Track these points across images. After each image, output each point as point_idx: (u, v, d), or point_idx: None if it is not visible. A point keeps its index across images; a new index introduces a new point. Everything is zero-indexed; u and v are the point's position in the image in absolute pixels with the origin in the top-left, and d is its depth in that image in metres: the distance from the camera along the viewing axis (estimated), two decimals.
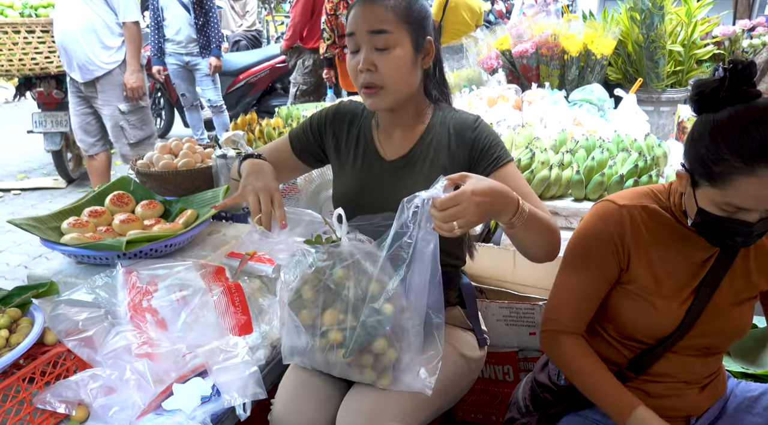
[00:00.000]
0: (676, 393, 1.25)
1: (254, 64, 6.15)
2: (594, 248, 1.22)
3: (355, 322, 1.13)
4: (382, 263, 1.14)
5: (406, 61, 1.26)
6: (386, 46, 1.24)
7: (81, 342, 1.28)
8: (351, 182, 1.43)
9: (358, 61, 1.27)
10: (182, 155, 2.00)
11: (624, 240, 1.20)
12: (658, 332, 1.22)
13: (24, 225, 1.57)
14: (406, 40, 1.26)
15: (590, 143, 2.19)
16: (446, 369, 1.27)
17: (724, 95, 1.05)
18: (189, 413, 1.17)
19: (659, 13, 3.19)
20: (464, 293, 1.49)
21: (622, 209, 1.20)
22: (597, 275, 1.22)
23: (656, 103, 3.42)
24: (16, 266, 3.44)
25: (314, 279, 1.17)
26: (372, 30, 1.24)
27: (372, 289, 1.13)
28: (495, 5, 11.26)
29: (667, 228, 1.20)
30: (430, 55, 1.32)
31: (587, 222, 1.25)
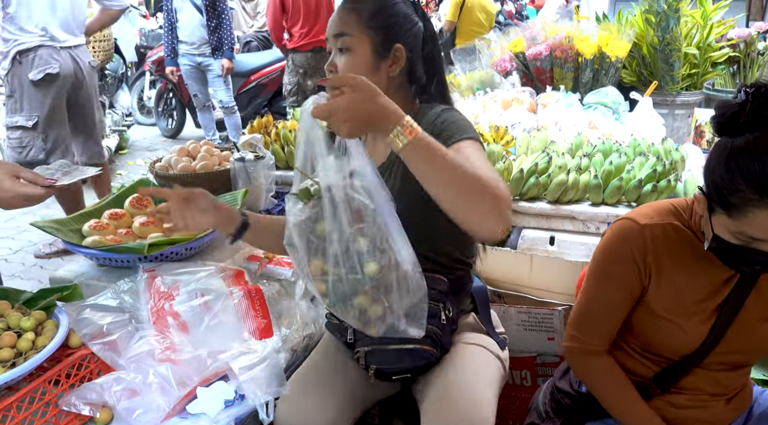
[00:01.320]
0: (701, 404, 1.24)
1: (265, 65, 6.16)
2: (616, 268, 1.21)
3: (336, 275, 1.08)
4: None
5: (362, 64, 1.29)
6: (344, 47, 1.30)
7: (105, 346, 1.29)
8: None
9: (327, 66, 1.34)
10: (200, 157, 2.01)
11: (646, 260, 1.18)
12: (683, 349, 1.21)
13: (47, 228, 1.59)
14: (366, 44, 1.29)
15: (607, 146, 2.18)
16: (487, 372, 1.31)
17: (744, 120, 1.02)
18: (213, 416, 1.18)
19: (675, 16, 3.18)
20: (476, 298, 1.48)
21: (644, 228, 1.18)
22: (620, 293, 1.21)
23: (671, 106, 3.40)
24: (32, 265, 3.47)
25: (301, 228, 1.12)
26: (335, 33, 1.31)
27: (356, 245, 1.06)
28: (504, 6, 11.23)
29: (689, 247, 1.18)
30: (398, 63, 1.32)
31: (608, 241, 1.23)
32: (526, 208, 2.00)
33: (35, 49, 3.04)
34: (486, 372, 1.33)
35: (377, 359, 1.30)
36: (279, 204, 2.10)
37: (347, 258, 1.07)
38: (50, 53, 3.09)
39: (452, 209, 1.02)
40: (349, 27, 1.29)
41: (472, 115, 2.83)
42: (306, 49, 4.75)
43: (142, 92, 6.80)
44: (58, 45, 3.12)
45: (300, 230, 1.12)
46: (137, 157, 5.83)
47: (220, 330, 1.36)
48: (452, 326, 1.34)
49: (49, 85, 3.10)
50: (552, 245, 1.95)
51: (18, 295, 1.38)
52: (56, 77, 3.11)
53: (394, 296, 1.08)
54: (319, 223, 1.10)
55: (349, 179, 1.06)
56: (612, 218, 1.92)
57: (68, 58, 3.18)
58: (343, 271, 1.07)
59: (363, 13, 1.29)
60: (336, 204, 1.05)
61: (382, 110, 1.00)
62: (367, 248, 1.06)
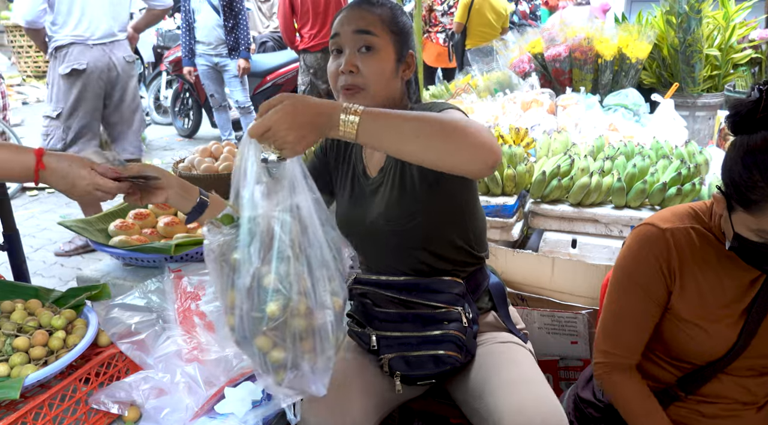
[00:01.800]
0: (732, 414, 1.23)
1: (281, 65, 6.20)
2: (640, 275, 1.20)
3: (240, 310, 1.01)
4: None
5: (388, 66, 1.28)
6: (370, 46, 1.25)
7: (133, 345, 1.30)
8: (345, 206, 1.43)
9: (339, 64, 1.27)
10: (223, 158, 2.03)
11: (670, 264, 1.17)
12: (709, 355, 1.20)
13: (74, 227, 1.61)
14: (390, 47, 1.28)
15: (629, 149, 2.17)
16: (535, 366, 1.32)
17: (760, 117, 1.02)
18: (241, 417, 1.19)
19: (696, 17, 3.15)
20: (494, 295, 1.47)
21: (665, 232, 1.17)
22: (647, 301, 1.20)
23: (692, 108, 3.37)
24: (52, 264, 3.51)
25: (215, 254, 1.05)
26: (358, 30, 1.25)
27: (264, 281, 0.99)
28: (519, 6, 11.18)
29: (712, 249, 1.17)
30: (411, 69, 1.33)
31: (630, 248, 1.22)
32: (548, 210, 1.99)
33: (68, 46, 3.25)
34: (535, 367, 1.33)
35: (401, 366, 1.30)
36: None
37: (252, 294, 0.99)
38: (81, 50, 3.27)
39: (436, 158, 1.01)
40: (375, 27, 1.26)
41: (492, 116, 2.82)
42: (316, 49, 4.78)
43: (158, 92, 6.86)
44: (90, 42, 3.29)
45: (213, 256, 1.03)
46: (154, 156, 5.88)
47: None
48: (474, 327, 1.34)
49: (75, 79, 3.28)
50: (574, 248, 1.94)
51: (48, 294, 1.39)
52: (83, 73, 3.28)
53: (299, 345, 1.00)
54: (234, 252, 1.01)
55: (280, 213, 0.99)
56: (635, 221, 1.91)
57: (100, 54, 3.33)
58: (245, 307, 0.99)
59: (384, 15, 1.28)
60: (254, 234, 0.98)
61: (318, 108, 0.97)
62: (274, 286, 0.98)
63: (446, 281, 1.33)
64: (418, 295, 1.32)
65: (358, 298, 1.40)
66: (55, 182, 1.19)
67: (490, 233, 2.02)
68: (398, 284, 1.35)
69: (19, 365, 1.16)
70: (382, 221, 1.33)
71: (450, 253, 1.36)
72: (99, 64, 3.32)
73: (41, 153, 1.17)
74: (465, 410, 1.33)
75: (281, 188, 1.00)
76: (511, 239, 2.03)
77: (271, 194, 1.00)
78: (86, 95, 3.33)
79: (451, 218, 1.33)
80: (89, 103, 3.36)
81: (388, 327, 1.33)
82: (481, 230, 1.42)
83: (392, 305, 1.35)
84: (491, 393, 1.23)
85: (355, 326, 1.42)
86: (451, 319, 1.30)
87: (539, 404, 1.18)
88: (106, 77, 3.38)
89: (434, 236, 1.33)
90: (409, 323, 1.32)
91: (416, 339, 1.30)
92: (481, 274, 1.45)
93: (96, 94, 3.37)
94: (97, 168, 1.21)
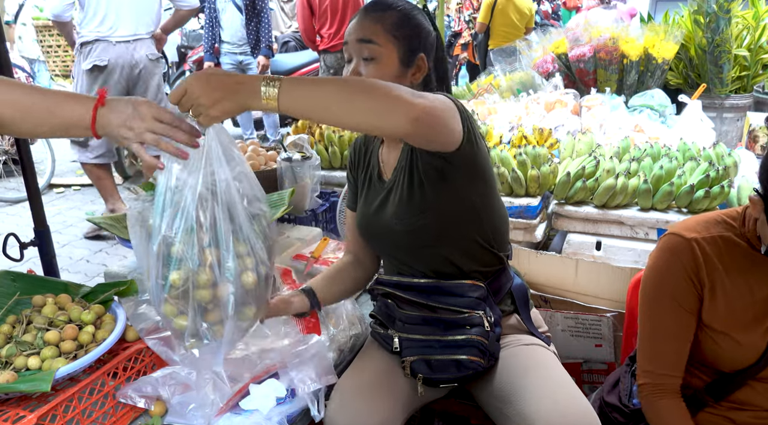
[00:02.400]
0: (764, 422, 1.20)
1: (303, 65, 6.23)
2: (670, 286, 1.17)
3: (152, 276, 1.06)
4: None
5: (389, 73, 1.27)
6: (371, 56, 1.26)
7: (160, 341, 1.32)
8: (362, 209, 1.45)
9: (347, 72, 1.30)
10: (247, 157, 2.04)
11: (699, 275, 1.15)
12: (739, 363, 1.17)
13: (102, 224, 1.64)
14: (393, 54, 1.27)
15: (655, 150, 2.14)
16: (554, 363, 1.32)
17: None
18: (266, 413, 1.20)
19: (725, 17, 3.10)
20: (516, 298, 1.46)
21: (692, 242, 1.15)
22: (681, 312, 1.17)
23: (719, 110, 3.32)
24: (78, 260, 3.57)
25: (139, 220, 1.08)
26: (360, 39, 1.27)
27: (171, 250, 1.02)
28: (541, 5, 11.10)
29: (742, 257, 1.15)
30: (421, 71, 1.32)
31: (657, 260, 1.20)
32: (572, 212, 1.98)
33: (93, 43, 3.39)
34: (561, 370, 1.33)
35: (423, 368, 1.30)
36: (324, 204, 2.12)
37: (160, 261, 1.02)
38: (104, 47, 3.39)
39: (360, 119, 1.04)
40: (377, 35, 1.27)
41: (515, 116, 2.80)
42: (336, 49, 4.79)
43: None
44: (113, 40, 3.40)
45: (133, 220, 1.07)
46: None
47: (270, 328, 1.37)
48: (496, 330, 1.33)
49: (97, 75, 3.42)
50: (598, 250, 1.92)
51: (77, 289, 1.42)
52: (104, 69, 3.41)
53: (201, 316, 1.05)
54: (150, 218, 1.04)
55: (194, 184, 1.00)
56: (662, 224, 1.89)
57: (123, 51, 3.44)
58: (153, 273, 1.03)
59: (387, 21, 1.28)
60: (166, 203, 1.00)
61: (236, 77, 1.00)
62: (178, 255, 1.00)
63: (467, 285, 1.33)
64: (438, 299, 1.32)
65: (381, 299, 1.41)
66: (113, 119, 1.05)
67: (513, 234, 2.01)
68: (419, 286, 1.35)
69: (50, 358, 1.19)
70: (394, 220, 1.34)
71: (467, 250, 1.35)
72: (120, 61, 3.42)
73: (103, 93, 1.08)
74: (491, 413, 1.33)
75: (197, 159, 1.01)
76: (535, 240, 2.02)
77: (188, 164, 1.01)
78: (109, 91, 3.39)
79: (463, 215, 1.32)
80: None
81: (411, 329, 1.33)
82: (501, 227, 1.41)
83: (414, 307, 1.35)
84: (522, 398, 1.23)
85: (378, 327, 1.42)
86: (473, 324, 1.29)
87: (573, 408, 1.17)
88: (128, 74, 3.48)
89: (446, 234, 1.32)
90: (431, 326, 1.32)
91: (438, 342, 1.30)
92: (505, 276, 1.44)
93: (117, 91, 3.45)
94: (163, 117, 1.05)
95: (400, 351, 1.34)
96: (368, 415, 1.24)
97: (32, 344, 1.21)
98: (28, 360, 1.18)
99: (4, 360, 1.20)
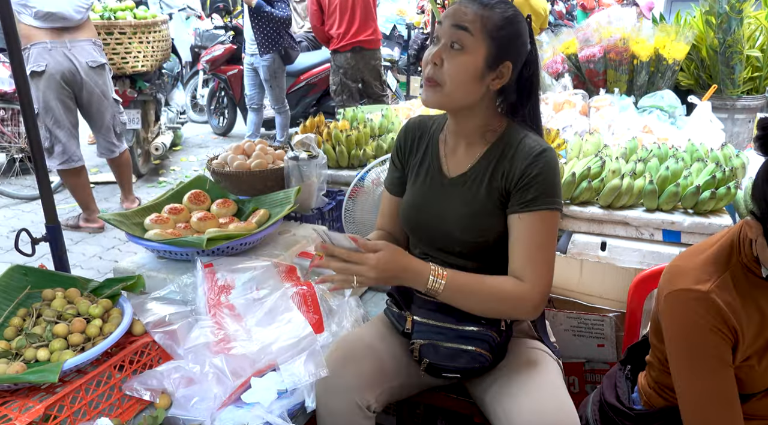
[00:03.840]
0: None
1: (315, 65, 6.25)
2: (709, 345, 1.10)
3: None
4: None
5: (472, 69, 1.25)
6: (461, 44, 1.24)
7: (166, 335, 1.35)
8: (413, 197, 1.44)
9: (431, 52, 1.27)
10: (255, 156, 2.07)
11: (729, 324, 1.09)
12: (755, 388, 1.16)
13: (112, 220, 1.67)
14: (481, 50, 1.24)
15: (663, 151, 2.13)
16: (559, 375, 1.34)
17: None
18: (267, 406, 1.22)
19: (737, 17, 3.07)
20: None
21: (710, 295, 1.10)
22: (725, 369, 1.11)
23: (730, 111, 3.29)
24: (91, 256, 3.63)
25: None
26: (455, 24, 1.25)
27: None
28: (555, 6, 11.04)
29: (749, 287, 1.11)
30: (502, 79, 1.29)
31: (683, 322, 1.13)
32: (578, 212, 1.98)
33: (29, 48, 3.38)
34: (558, 376, 1.34)
35: (431, 354, 1.31)
36: (330, 203, 2.14)
37: None
38: (39, 52, 3.39)
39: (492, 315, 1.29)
40: (474, 25, 1.24)
41: None
42: (345, 49, 4.81)
43: (195, 91, 7.00)
44: (49, 45, 3.40)
45: None
46: (190, 154, 6.01)
47: (274, 323, 1.40)
48: (510, 332, 1.35)
49: (38, 80, 3.42)
50: (603, 250, 1.92)
51: (86, 283, 1.45)
52: (42, 74, 3.40)
53: None
54: None
55: None
56: (667, 225, 1.88)
57: (61, 57, 3.44)
58: None
59: (491, 19, 1.25)
60: None
61: (406, 268, 1.21)
62: None
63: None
64: None
65: None
66: None
67: None
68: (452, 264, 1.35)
69: (58, 350, 1.22)
70: (457, 229, 1.34)
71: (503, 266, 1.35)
72: (59, 67, 3.42)
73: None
74: (483, 408, 1.34)
75: None
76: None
77: None
78: (51, 96, 3.45)
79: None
80: (58, 105, 3.49)
81: (426, 313, 1.35)
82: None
83: None
84: (510, 395, 1.25)
85: (393, 306, 1.44)
86: (490, 321, 1.31)
87: (555, 415, 1.18)
88: (67, 80, 3.48)
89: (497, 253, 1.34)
90: (446, 314, 1.32)
91: (451, 331, 1.31)
92: None
93: (62, 96, 3.49)
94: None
95: (411, 333, 1.35)
96: (358, 376, 1.28)
97: (41, 336, 1.25)
98: (37, 352, 1.22)
99: (14, 351, 1.24)
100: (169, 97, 6.14)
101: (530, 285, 1.24)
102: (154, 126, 5.28)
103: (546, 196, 1.26)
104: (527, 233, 1.26)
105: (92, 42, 3.61)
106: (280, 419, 1.18)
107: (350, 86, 4.95)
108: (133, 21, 4.30)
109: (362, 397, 1.27)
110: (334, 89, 5.01)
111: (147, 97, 4.89)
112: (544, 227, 1.27)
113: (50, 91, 3.46)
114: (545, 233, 1.27)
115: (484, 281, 1.26)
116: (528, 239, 1.26)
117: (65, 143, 3.57)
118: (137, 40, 4.35)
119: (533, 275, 1.25)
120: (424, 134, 1.47)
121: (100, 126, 3.78)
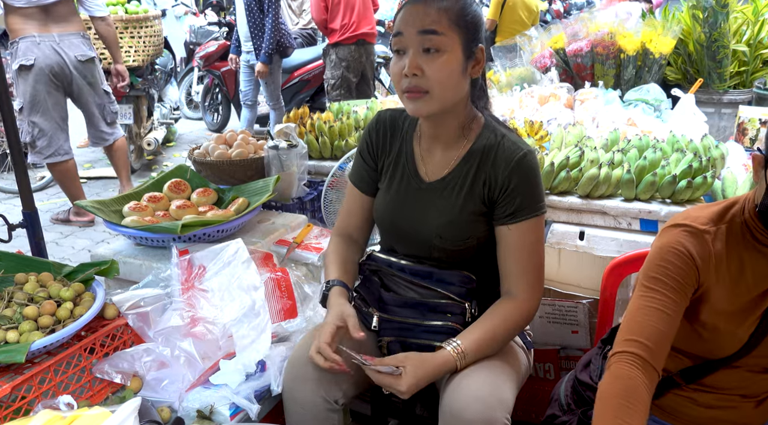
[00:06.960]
0: (729, 405, 1.20)
1: (309, 61, 6.25)
2: (676, 271, 1.11)
3: None
4: None
5: (455, 66, 1.20)
6: (436, 48, 1.17)
7: (138, 317, 1.36)
8: (388, 201, 1.38)
9: (403, 65, 1.20)
10: (236, 145, 2.08)
11: (707, 268, 1.11)
12: (719, 353, 1.17)
13: (89, 207, 1.68)
14: (457, 44, 1.19)
15: (643, 142, 2.14)
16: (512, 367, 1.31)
17: None
18: (234, 388, 1.23)
19: (723, 11, 3.08)
20: None
21: (704, 235, 1.11)
22: (677, 292, 1.12)
23: (717, 105, 3.30)
24: (81, 249, 3.64)
25: None
26: (422, 30, 1.17)
27: None
28: (552, 5, 11.05)
29: (744, 250, 1.12)
30: (480, 64, 1.25)
31: (667, 243, 1.13)
32: (556, 202, 1.98)
33: (17, 42, 3.38)
34: (507, 369, 1.30)
35: (398, 350, 1.31)
36: (311, 193, 2.15)
37: None
38: (28, 46, 3.38)
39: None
40: (440, 24, 1.17)
41: (508, 110, 2.81)
42: (349, 42, 4.79)
43: (190, 87, 7.00)
44: (38, 39, 3.39)
45: None
46: (183, 150, 6.02)
47: (245, 308, 1.40)
48: None
49: (27, 74, 3.41)
50: (581, 240, 1.93)
51: (60, 268, 1.46)
52: (31, 68, 3.39)
53: None
54: None
55: None
56: (644, 214, 1.89)
57: (49, 51, 3.43)
58: None
59: (450, 8, 1.19)
60: None
61: (437, 366, 1.20)
62: None
63: (460, 275, 1.33)
64: (429, 282, 1.33)
65: (369, 275, 1.41)
66: None
67: None
68: (412, 269, 1.35)
69: (27, 332, 1.23)
70: (437, 237, 1.31)
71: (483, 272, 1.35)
72: (47, 61, 3.41)
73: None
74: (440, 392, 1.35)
75: None
76: None
77: None
78: (41, 90, 3.45)
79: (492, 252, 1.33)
80: (47, 98, 3.49)
81: (392, 310, 1.35)
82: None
83: (400, 288, 1.36)
84: (462, 376, 1.23)
85: (360, 303, 1.41)
86: (454, 312, 1.31)
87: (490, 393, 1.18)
88: (56, 74, 3.47)
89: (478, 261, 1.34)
90: (411, 309, 1.33)
91: (418, 327, 1.31)
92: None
93: (51, 89, 3.48)
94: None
95: (378, 331, 1.36)
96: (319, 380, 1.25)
97: (11, 318, 1.25)
98: (6, 334, 1.23)
99: None
100: (163, 93, 6.14)
101: (527, 297, 1.28)
102: (147, 122, 5.29)
103: (532, 203, 1.25)
104: (518, 245, 1.26)
105: (81, 35, 3.61)
106: (246, 400, 1.18)
107: (351, 80, 4.93)
108: (124, 16, 4.31)
109: (328, 390, 1.24)
110: (333, 83, 4.98)
111: (139, 92, 4.89)
112: (533, 233, 1.27)
113: (40, 84, 3.46)
114: (535, 239, 1.28)
115: (492, 323, 1.26)
116: (519, 250, 1.26)
117: (51, 136, 3.55)
118: (128, 34, 4.36)
119: (527, 286, 1.28)
120: (396, 132, 1.40)
121: (90, 116, 3.80)
